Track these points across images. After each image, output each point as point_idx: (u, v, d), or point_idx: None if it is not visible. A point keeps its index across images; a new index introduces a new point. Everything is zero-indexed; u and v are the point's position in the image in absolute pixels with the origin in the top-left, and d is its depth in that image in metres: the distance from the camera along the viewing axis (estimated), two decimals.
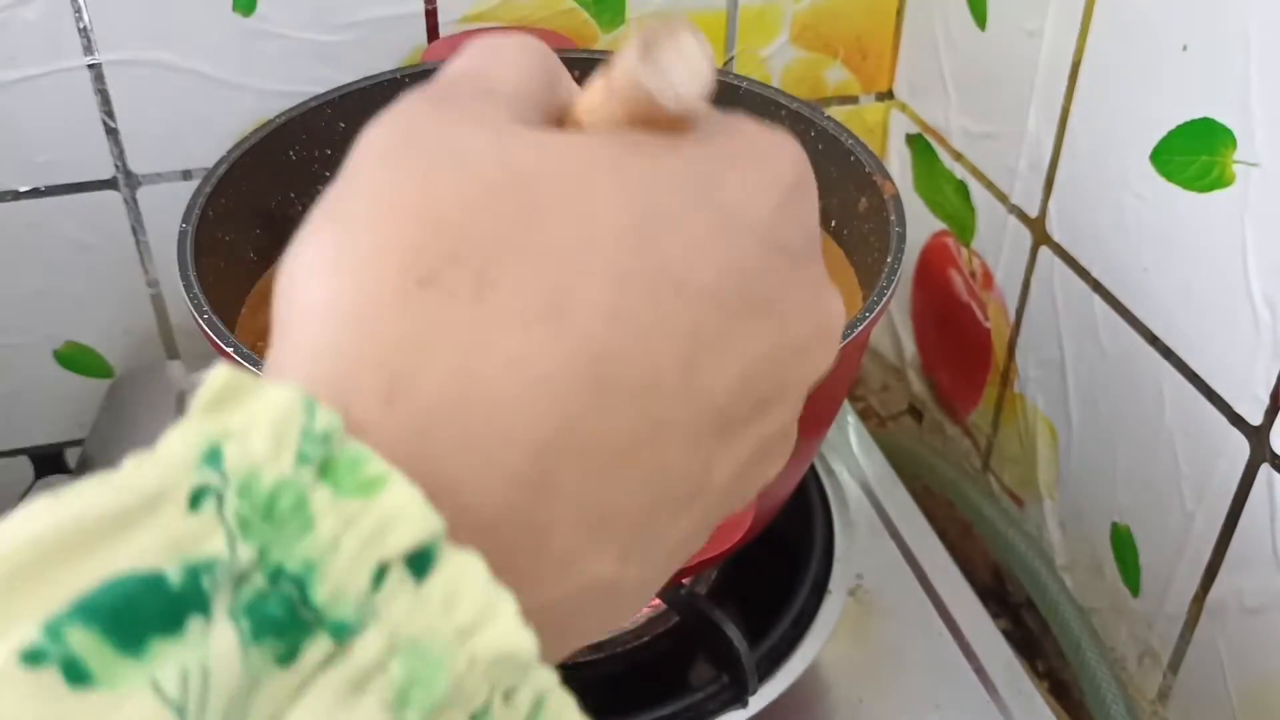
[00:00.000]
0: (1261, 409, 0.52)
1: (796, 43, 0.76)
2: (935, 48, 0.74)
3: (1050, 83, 0.63)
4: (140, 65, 0.66)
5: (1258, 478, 0.53)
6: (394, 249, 0.21)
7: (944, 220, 0.77)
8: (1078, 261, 0.63)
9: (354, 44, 0.68)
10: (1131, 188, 0.58)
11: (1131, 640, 0.64)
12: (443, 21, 0.69)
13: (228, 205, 0.56)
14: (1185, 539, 0.58)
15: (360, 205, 0.22)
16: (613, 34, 0.72)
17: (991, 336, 0.73)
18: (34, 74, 0.64)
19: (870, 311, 0.49)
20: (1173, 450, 0.58)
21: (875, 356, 0.88)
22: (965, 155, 0.73)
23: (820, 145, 0.61)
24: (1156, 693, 0.62)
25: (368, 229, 0.21)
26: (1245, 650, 0.56)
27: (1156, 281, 0.57)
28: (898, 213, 0.55)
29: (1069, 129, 0.62)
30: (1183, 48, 0.53)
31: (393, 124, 0.23)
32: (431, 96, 0.24)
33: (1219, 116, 0.52)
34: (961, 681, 0.58)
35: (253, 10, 0.66)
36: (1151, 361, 0.58)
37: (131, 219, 0.70)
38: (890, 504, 0.67)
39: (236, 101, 0.67)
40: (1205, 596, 0.58)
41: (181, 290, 0.50)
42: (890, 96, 0.80)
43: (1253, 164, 0.50)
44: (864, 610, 0.61)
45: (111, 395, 0.73)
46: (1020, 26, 0.65)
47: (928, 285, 0.80)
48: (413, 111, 0.23)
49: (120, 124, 0.67)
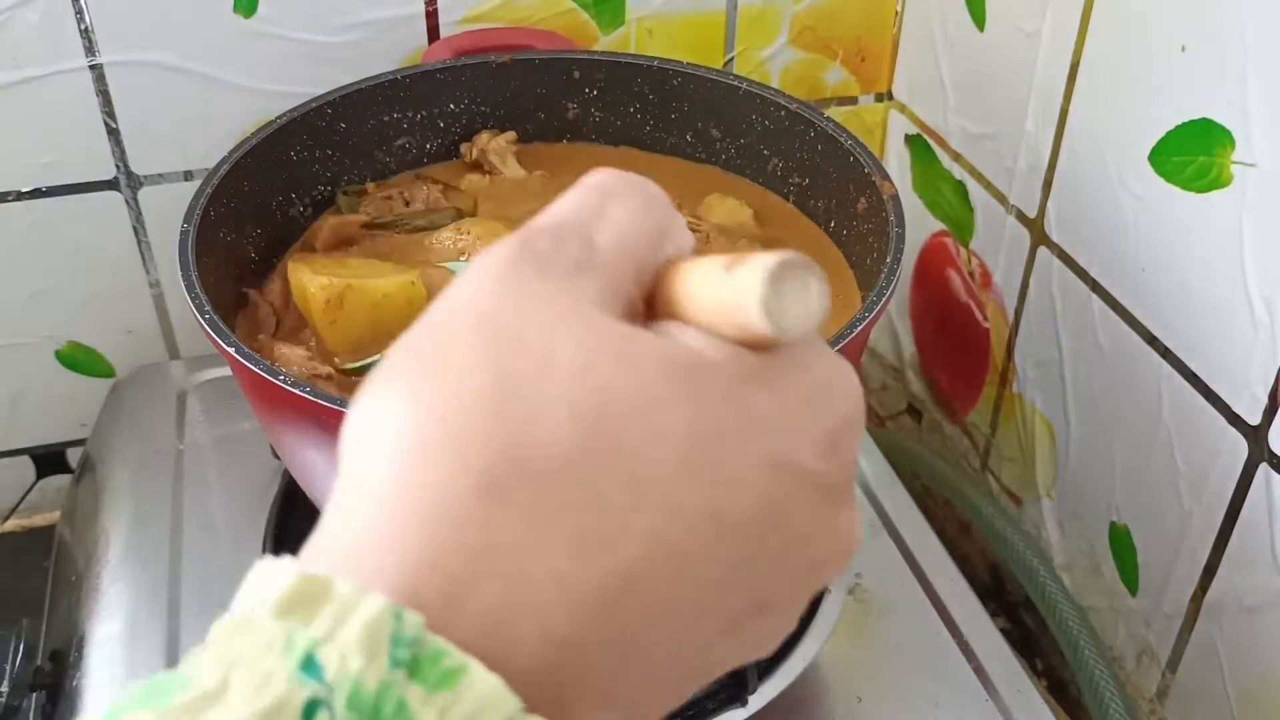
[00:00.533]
0: (1260, 408, 0.52)
1: (796, 44, 0.76)
2: (934, 49, 0.74)
3: (1049, 84, 0.63)
4: (141, 66, 0.66)
5: (1256, 477, 0.53)
6: (470, 450, 0.22)
7: (943, 221, 0.77)
8: (1076, 262, 0.63)
9: (355, 45, 0.68)
10: (1130, 188, 0.58)
11: (1130, 639, 0.64)
12: (443, 22, 0.69)
13: (229, 206, 0.56)
14: (1183, 538, 0.58)
15: (445, 386, 0.23)
16: (612, 34, 0.73)
17: (990, 336, 0.73)
18: (36, 75, 0.64)
19: (869, 312, 0.49)
20: (1171, 450, 0.58)
21: (874, 356, 0.88)
22: (964, 156, 0.73)
23: (819, 146, 0.61)
24: (1155, 691, 0.62)
25: (447, 419, 0.22)
26: (1243, 649, 0.56)
27: (1155, 281, 0.57)
28: (896, 213, 0.55)
29: (1067, 129, 0.62)
30: (1181, 49, 0.53)
31: (497, 290, 0.24)
32: (538, 257, 0.24)
33: (1217, 117, 0.52)
34: (960, 680, 0.58)
35: (254, 11, 0.66)
36: (1150, 361, 0.58)
37: (133, 219, 0.70)
38: (889, 503, 0.67)
39: (238, 102, 0.67)
40: (1203, 596, 0.58)
41: (183, 290, 0.50)
42: (889, 97, 0.80)
43: (1250, 165, 0.50)
44: (863, 609, 0.61)
45: (113, 395, 0.73)
46: (1019, 28, 0.65)
47: (927, 285, 0.80)
48: (517, 278, 0.24)
49: (122, 125, 0.67)
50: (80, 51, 0.64)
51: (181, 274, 0.50)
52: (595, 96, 0.67)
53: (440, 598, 0.21)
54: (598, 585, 0.22)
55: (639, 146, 0.68)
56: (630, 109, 0.67)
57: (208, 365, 0.73)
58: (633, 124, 0.67)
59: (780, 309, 0.23)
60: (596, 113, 0.68)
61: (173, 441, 0.68)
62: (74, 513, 0.69)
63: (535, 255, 0.24)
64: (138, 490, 0.65)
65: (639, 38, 0.73)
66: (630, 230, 0.26)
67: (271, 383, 0.45)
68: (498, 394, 0.22)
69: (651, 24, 0.73)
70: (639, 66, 0.66)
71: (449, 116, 0.66)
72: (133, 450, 0.68)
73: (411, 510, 0.22)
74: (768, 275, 0.22)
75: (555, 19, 0.71)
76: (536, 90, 0.67)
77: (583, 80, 0.67)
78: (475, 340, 0.23)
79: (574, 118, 0.68)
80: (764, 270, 0.22)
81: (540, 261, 0.24)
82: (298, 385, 0.45)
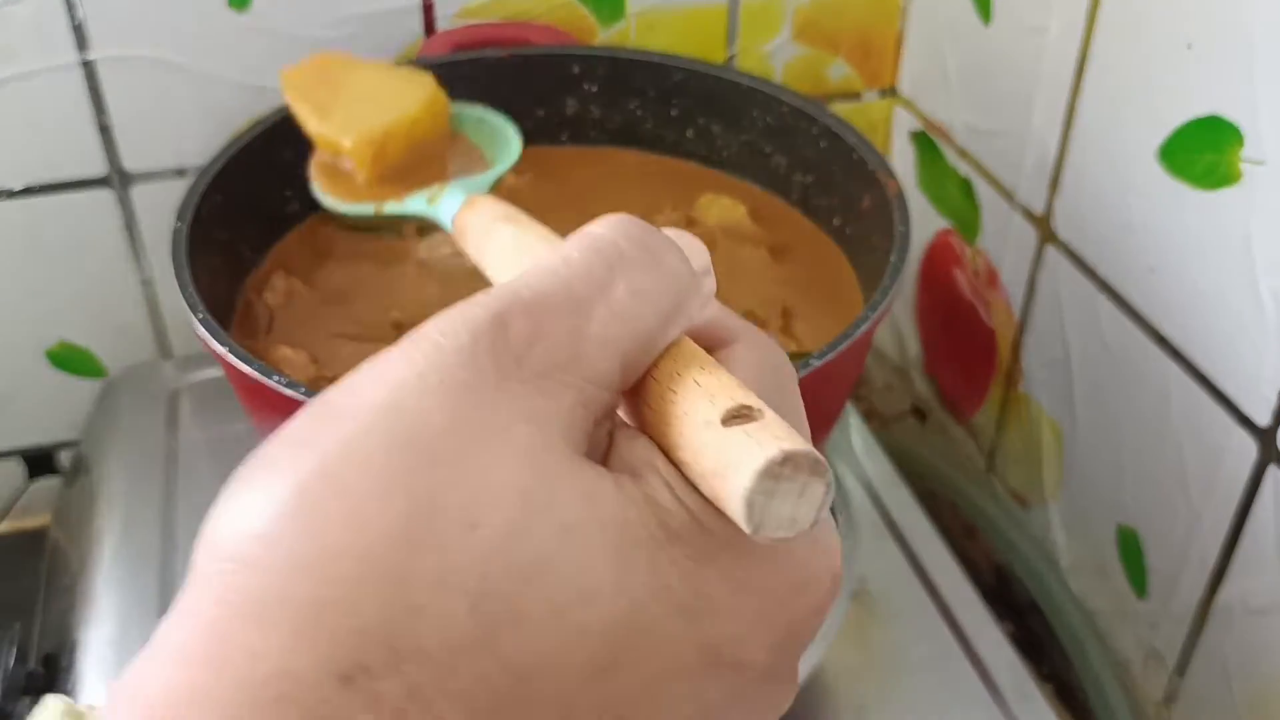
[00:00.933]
0: (1269, 409, 0.51)
1: (799, 39, 0.75)
2: (939, 44, 0.73)
3: (1055, 79, 0.62)
4: (134, 62, 0.65)
5: (1265, 479, 0.52)
6: (343, 627, 0.17)
7: (948, 218, 0.76)
8: (1083, 260, 0.63)
9: (350, 39, 0.67)
10: (1138, 185, 0.57)
11: (1137, 643, 0.64)
12: (440, 15, 0.69)
13: (222, 203, 0.56)
14: (1192, 541, 0.58)
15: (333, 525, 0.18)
16: (611, 29, 0.72)
17: (996, 336, 0.73)
18: (26, 71, 0.64)
19: (874, 311, 0.48)
20: (1179, 451, 0.57)
21: (878, 356, 0.88)
22: (970, 152, 0.72)
23: (823, 143, 0.61)
24: (1162, 696, 0.62)
25: (327, 574, 0.18)
26: (1252, 653, 0.55)
27: (1163, 280, 0.57)
28: (901, 211, 0.54)
29: (1075, 126, 0.62)
30: (1188, 45, 0.52)
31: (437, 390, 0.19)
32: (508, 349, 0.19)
33: (1226, 114, 0.51)
34: (966, 685, 0.57)
35: (247, 6, 0.65)
36: (1158, 361, 0.58)
37: (125, 217, 0.69)
38: (894, 505, 0.66)
39: (231, 98, 0.67)
40: (1212, 599, 0.57)
41: (176, 289, 0.49)
42: (893, 93, 0.80)
43: (1259, 161, 0.50)
44: (867, 613, 0.60)
45: (105, 395, 0.73)
46: (1025, 22, 0.64)
47: (932, 284, 0.80)
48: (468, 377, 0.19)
49: (113, 121, 0.66)
50: (72, 47, 0.64)
51: (175, 272, 0.50)
52: (595, 93, 0.67)
53: None
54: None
55: (638, 143, 0.67)
56: (630, 105, 0.67)
57: (201, 365, 0.72)
58: (632, 120, 0.67)
59: (764, 508, 0.19)
60: (595, 109, 0.67)
61: (165, 442, 0.67)
62: (66, 515, 0.69)
63: (505, 345, 0.20)
64: (130, 492, 0.65)
65: (639, 32, 0.72)
66: (632, 320, 0.21)
67: (265, 385, 0.45)
68: (397, 553, 0.18)
69: (651, 18, 0.72)
70: (639, 62, 0.66)
71: None
72: (125, 451, 0.67)
73: (245, 684, 0.17)
74: (763, 468, 0.18)
75: (553, 12, 0.70)
76: (534, 86, 0.66)
77: (582, 76, 0.66)
78: (391, 464, 0.18)
79: (573, 114, 0.67)
80: (761, 459, 0.19)
81: (508, 355, 0.19)
82: (292, 386, 0.44)
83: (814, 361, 0.45)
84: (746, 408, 0.20)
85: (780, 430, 0.19)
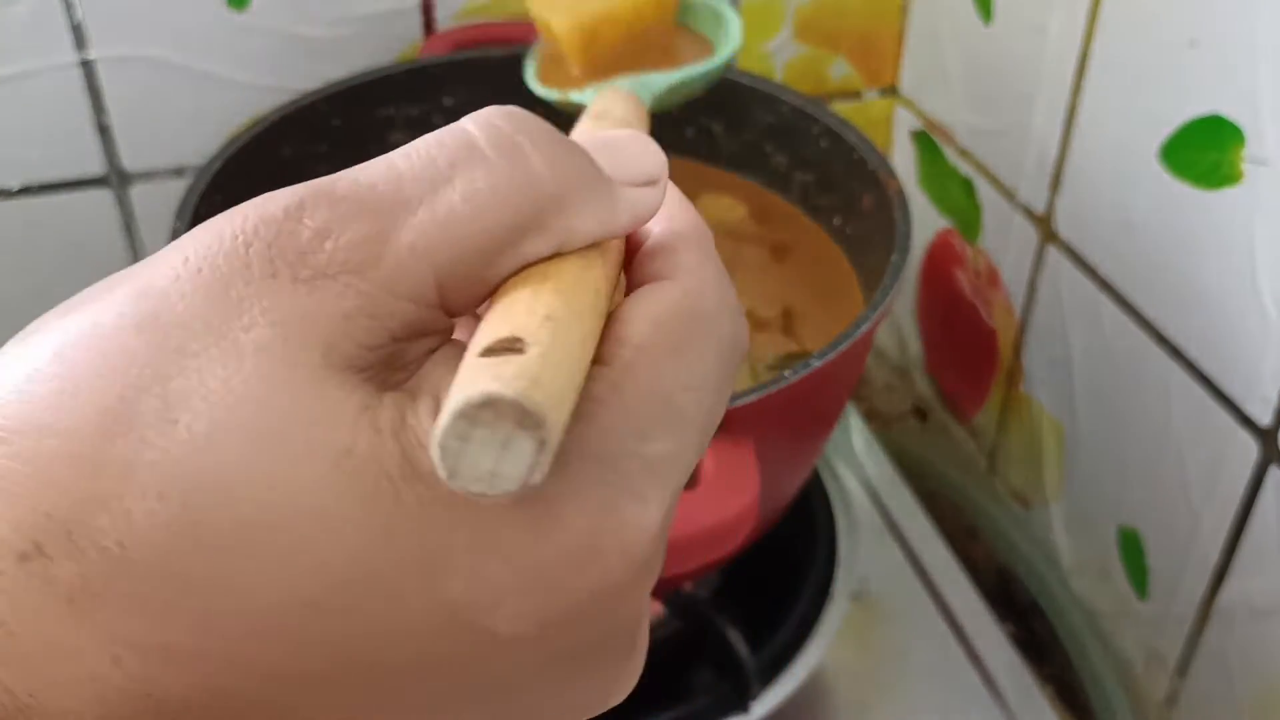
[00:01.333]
0: (1271, 410, 0.51)
1: (799, 37, 0.75)
2: (940, 43, 0.73)
3: (1057, 78, 0.62)
4: (133, 62, 0.65)
5: (1267, 479, 0.52)
6: (27, 502, 0.17)
7: (949, 218, 0.76)
8: (1085, 260, 0.62)
9: (349, 39, 0.67)
10: (1139, 185, 0.57)
11: (1139, 644, 0.64)
12: (440, 16, 0.68)
13: (221, 203, 0.55)
14: (1193, 542, 0.57)
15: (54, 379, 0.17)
16: None
17: (997, 336, 0.72)
18: (25, 70, 0.64)
19: (874, 310, 0.48)
20: (1181, 452, 0.57)
21: (879, 356, 0.87)
22: (971, 152, 0.72)
23: (823, 142, 0.61)
24: (1164, 697, 0.62)
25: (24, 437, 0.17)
26: (1254, 654, 0.55)
27: (1165, 280, 0.57)
28: (902, 210, 0.54)
29: (1076, 125, 0.61)
30: (1190, 43, 0.52)
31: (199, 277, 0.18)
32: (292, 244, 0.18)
33: (1228, 113, 0.51)
34: (967, 686, 0.57)
35: (246, 5, 0.65)
36: (1159, 361, 0.58)
37: (124, 217, 0.69)
38: (895, 506, 0.66)
39: (230, 98, 0.67)
40: (1214, 600, 0.57)
41: None
42: (894, 92, 0.79)
43: (1261, 161, 0.50)
44: (868, 614, 0.60)
45: None
46: (1026, 21, 0.64)
47: (933, 284, 0.80)
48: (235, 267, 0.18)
49: (112, 121, 0.66)
50: (70, 47, 0.64)
51: None
52: None
53: None
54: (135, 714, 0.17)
55: None
56: None
57: None
58: None
59: (459, 454, 0.16)
60: None
61: None
62: None
63: (289, 238, 0.18)
64: None
65: None
66: (457, 226, 0.18)
67: None
68: (96, 437, 0.17)
69: None
70: None
71: (445, 112, 0.65)
72: None
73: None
74: (459, 409, 0.16)
75: None
76: None
77: None
78: (120, 345, 0.17)
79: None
80: (460, 399, 0.16)
81: (291, 249, 0.18)
82: None
83: (814, 361, 0.45)
84: (516, 339, 0.17)
85: (513, 371, 0.17)
